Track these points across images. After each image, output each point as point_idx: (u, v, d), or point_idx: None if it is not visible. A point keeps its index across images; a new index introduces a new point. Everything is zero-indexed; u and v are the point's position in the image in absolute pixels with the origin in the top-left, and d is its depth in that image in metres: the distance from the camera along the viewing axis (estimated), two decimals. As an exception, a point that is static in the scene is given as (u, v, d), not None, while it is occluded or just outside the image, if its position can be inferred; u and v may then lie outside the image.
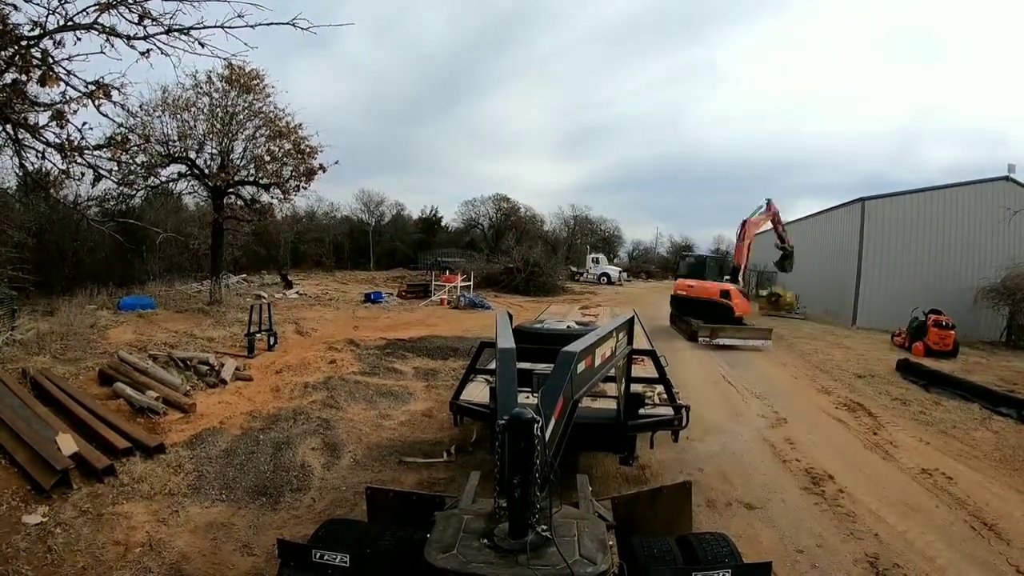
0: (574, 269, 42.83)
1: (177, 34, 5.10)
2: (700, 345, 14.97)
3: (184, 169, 15.51)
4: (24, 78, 4.90)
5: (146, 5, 4.98)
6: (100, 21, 4.90)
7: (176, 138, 14.82)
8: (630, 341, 4.85)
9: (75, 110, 5.17)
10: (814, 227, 27.12)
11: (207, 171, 15.48)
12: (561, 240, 50.94)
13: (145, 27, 5.00)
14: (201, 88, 14.86)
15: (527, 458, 2.38)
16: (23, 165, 5.78)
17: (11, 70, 4.87)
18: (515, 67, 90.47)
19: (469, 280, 25.60)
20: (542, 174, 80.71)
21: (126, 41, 4.97)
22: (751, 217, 17.99)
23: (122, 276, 16.49)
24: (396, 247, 42.03)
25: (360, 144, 67.32)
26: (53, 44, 4.87)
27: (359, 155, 67.90)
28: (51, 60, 4.85)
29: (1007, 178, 20.80)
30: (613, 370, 4.47)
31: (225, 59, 5.48)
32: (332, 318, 16.78)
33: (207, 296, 15.96)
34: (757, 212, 18.18)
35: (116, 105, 5.42)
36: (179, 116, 14.83)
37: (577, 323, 10.39)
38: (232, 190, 16.14)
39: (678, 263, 24.13)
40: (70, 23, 4.84)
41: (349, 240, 40.47)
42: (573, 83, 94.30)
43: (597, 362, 3.61)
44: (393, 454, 6.45)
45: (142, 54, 5.06)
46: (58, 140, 5.29)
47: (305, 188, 16.14)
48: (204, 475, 5.64)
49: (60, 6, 4.77)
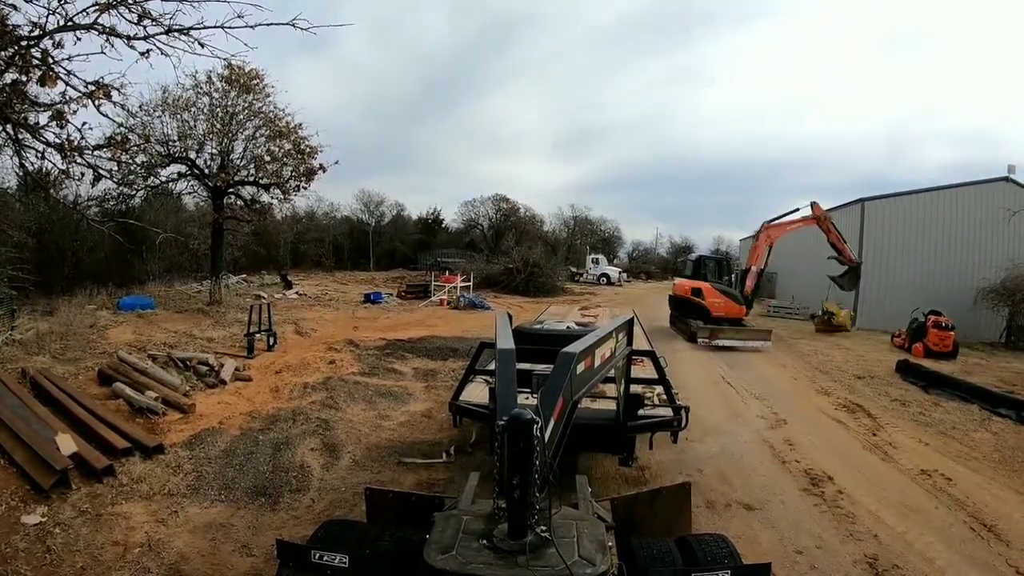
0: (574, 270, 42.80)
1: (177, 34, 5.11)
2: (700, 346, 14.98)
3: (184, 169, 15.52)
4: (24, 78, 4.91)
5: (146, 5, 5.01)
6: (100, 21, 4.91)
7: (176, 138, 14.84)
8: (630, 342, 4.85)
9: (75, 110, 5.19)
10: (814, 227, 27.10)
11: (207, 171, 15.49)
12: (561, 241, 50.88)
13: (145, 27, 5.02)
14: (201, 88, 14.90)
15: (526, 459, 2.38)
16: (23, 165, 5.80)
17: (11, 70, 4.88)
18: (513, 68, 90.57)
19: (469, 281, 25.60)
20: (540, 174, 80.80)
21: (126, 41, 4.99)
22: (773, 220, 17.37)
23: (122, 276, 16.50)
24: (396, 247, 42.03)
25: (360, 144, 67.46)
26: (53, 44, 4.88)
27: (359, 155, 68.03)
28: (51, 60, 4.86)
29: (1007, 179, 20.80)
30: (612, 371, 4.47)
31: (225, 59, 5.51)
32: (332, 318, 16.78)
33: (207, 296, 15.96)
34: (788, 215, 17.19)
35: (116, 105, 5.44)
36: (179, 116, 14.86)
37: (577, 324, 10.39)
38: (232, 190, 16.15)
39: (685, 263, 24.37)
40: (70, 23, 4.85)
41: (349, 240, 40.46)
42: (571, 83, 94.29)
43: (597, 363, 3.61)
44: (392, 455, 6.45)
45: (142, 54, 5.08)
46: (58, 140, 5.31)
47: (305, 188, 16.19)
48: (203, 475, 5.64)
49: (60, 6, 4.79)
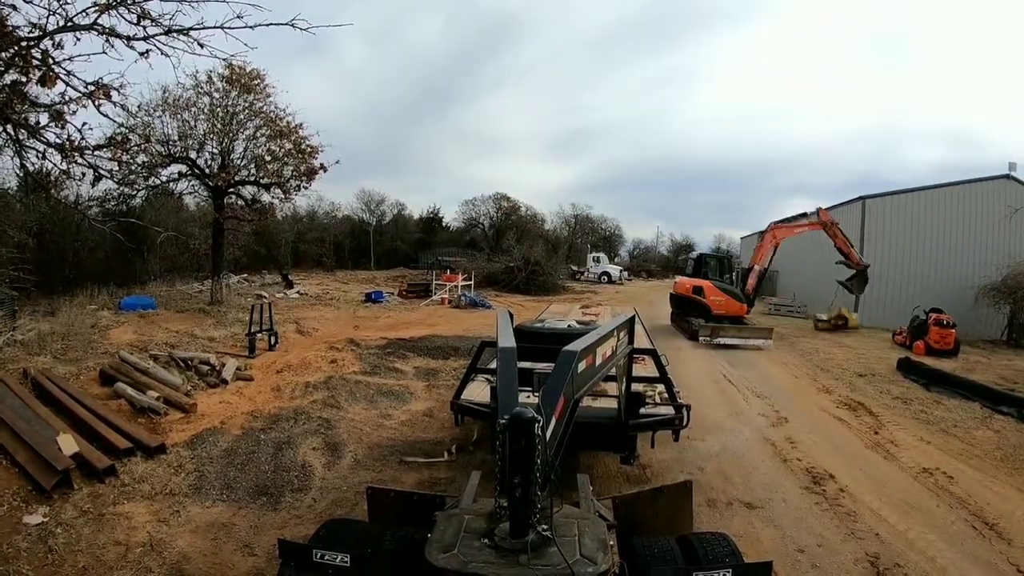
0: (575, 268, 42.80)
1: (177, 35, 5.09)
2: (701, 344, 14.98)
3: (184, 169, 15.50)
4: (24, 79, 4.89)
5: (145, 6, 4.98)
6: (100, 22, 4.89)
7: (176, 138, 14.82)
8: (631, 340, 4.84)
9: (75, 110, 5.18)
10: (817, 229, 27.05)
11: (207, 171, 15.47)
12: (562, 239, 50.88)
13: (145, 28, 5.00)
14: (201, 88, 14.87)
15: (528, 457, 2.38)
16: (23, 165, 5.79)
17: (11, 71, 4.87)
18: (507, 71, 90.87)
19: (470, 279, 25.59)
20: (536, 175, 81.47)
21: (126, 42, 4.97)
22: (780, 223, 17.44)
23: (123, 276, 16.51)
24: (397, 246, 42.01)
25: (359, 147, 67.54)
26: (53, 45, 4.86)
27: (358, 157, 68.07)
28: (51, 61, 4.85)
29: (1008, 176, 20.76)
30: (614, 369, 4.47)
31: (225, 59, 5.48)
32: (333, 318, 16.79)
33: (208, 296, 15.97)
34: (793, 219, 17.28)
35: (116, 105, 5.41)
36: (179, 116, 14.84)
37: (578, 322, 10.39)
38: (233, 190, 16.15)
39: (686, 261, 24.15)
40: (70, 24, 4.84)
41: (350, 240, 40.42)
42: (565, 85, 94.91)
43: (598, 361, 3.61)
44: (394, 454, 6.46)
45: (142, 54, 5.06)
46: (58, 140, 5.29)
47: (306, 188, 16.17)
48: (205, 475, 5.65)
49: (60, 7, 4.77)
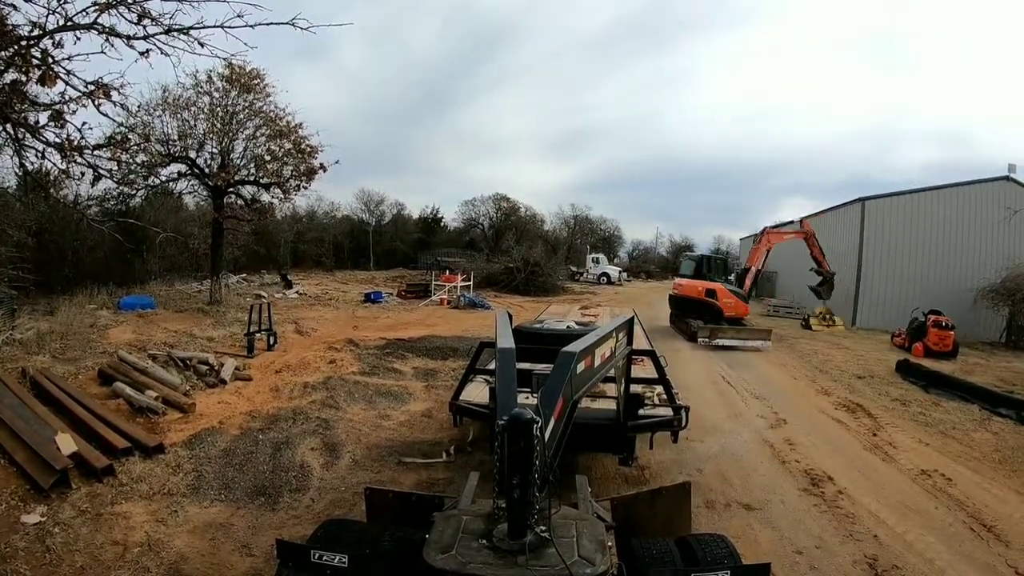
0: (574, 269, 42.81)
1: (177, 34, 5.09)
2: (700, 345, 14.98)
3: (184, 168, 15.51)
4: (24, 78, 4.89)
5: (145, 5, 4.98)
6: (100, 21, 4.89)
7: (176, 137, 14.83)
8: (630, 341, 4.85)
9: (75, 110, 5.17)
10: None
11: (207, 171, 15.47)
12: (561, 240, 50.89)
13: (144, 27, 4.99)
14: (201, 87, 14.88)
15: (526, 459, 2.38)
16: (23, 165, 5.78)
17: (11, 70, 4.87)
18: (505, 73, 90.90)
19: (469, 280, 25.58)
20: (534, 175, 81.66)
21: (126, 41, 4.97)
22: (774, 228, 17.96)
23: (122, 276, 16.46)
24: (396, 247, 42.02)
25: (357, 148, 67.61)
26: (53, 44, 4.85)
27: (357, 158, 68.28)
28: (51, 60, 4.84)
29: (1007, 178, 20.79)
30: (613, 370, 4.47)
31: (225, 59, 5.49)
32: (332, 318, 16.78)
33: (207, 296, 15.96)
34: (785, 225, 18.12)
35: (116, 105, 5.40)
36: (179, 115, 14.85)
37: (577, 323, 10.40)
38: (232, 189, 16.14)
39: (680, 262, 23.81)
40: (69, 23, 4.84)
41: (349, 240, 40.43)
42: (562, 87, 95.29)
43: (597, 362, 3.61)
44: (392, 454, 6.45)
45: (141, 54, 5.06)
46: (58, 140, 5.28)
47: (305, 188, 16.17)
48: (203, 475, 5.64)
49: (60, 6, 4.77)
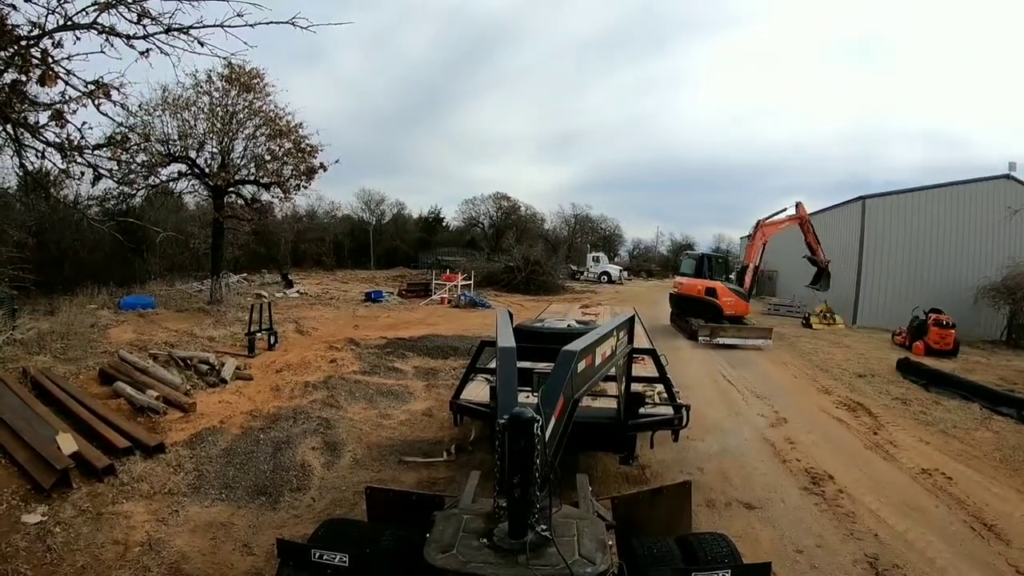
0: (574, 268, 42.80)
1: (176, 33, 5.08)
2: (700, 344, 14.97)
3: (184, 168, 15.47)
4: (24, 78, 4.88)
5: (145, 4, 4.96)
6: (99, 21, 4.88)
7: (176, 137, 14.79)
8: (630, 340, 4.85)
9: (75, 110, 5.16)
10: (814, 226, 27.06)
11: (207, 170, 15.45)
12: (561, 239, 50.89)
13: (144, 26, 4.98)
14: (201, 87, 14.83)
15: (527, 457, 2.38)
16: (23, 165, 5.76)
17: (11, 70, 4.86)
18: (502, 74, 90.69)
19: (469, 279, 25.57)
20: (534, 175, 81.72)
21: (125, 41, 4.96)
22: (767, 219, 17.53)
23: (122, 276, 16.44)
24: (397, 246, 41.99)
25: (357, 149, 67.69)
26: (52, 44, 4.84)
27: (357, 159, 68.25)
28: (51, 60, 4.83)
29: (1008, 176, 20.76)
30: (613, 369, 4.47)
31: (225, 58, 5.47)
32: (332, 317, 16.78)
33: (207, 295, 15.95)
34: (778, 214, 17.45)
35: (116, 104, 5.39)
36: (179, 115, 14.81)
37: (578, 322, 10.39)
38: (232, 189, 16.12)
39: (680, 261, 23.82)
40: (69, 23, 4.83)
41: (350, 239, 40.40)
42: (557, 89, 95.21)
43: (597, 361, 3.61)
44: (393, 453, 6.46)
45: (141, 53, 5.04)
46: (58, 140, 5.28)
47: (305, 187, 16.13)
48: (204, 474, 5.65)
49: (59, 6, 4.76)
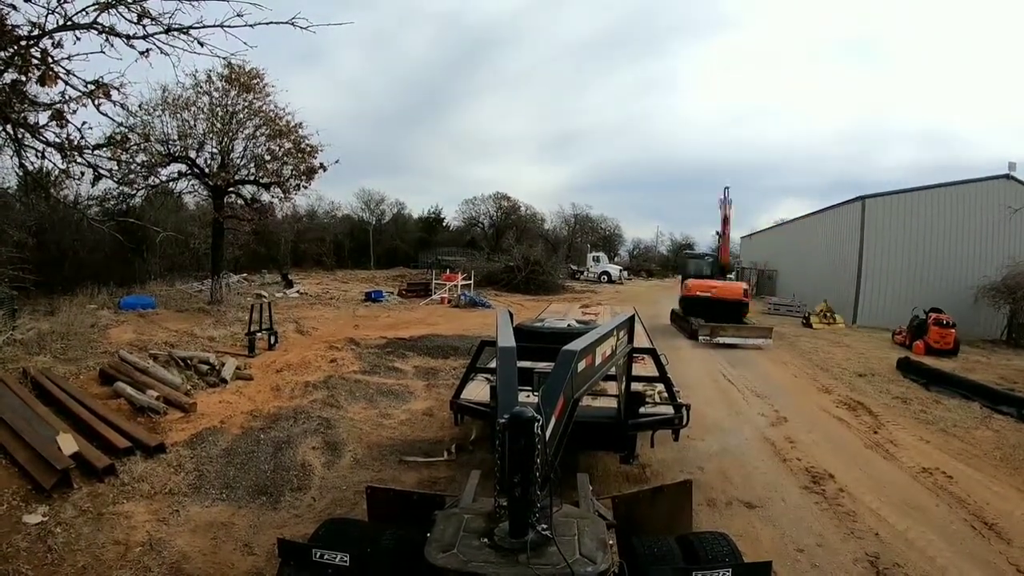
0: (574, 268, 42.82)
1: (176, 33, 5.08)
2: (701, 344, 14.97)
3: (184, 168, 15.47)
4: (23, 78, 4.88)
5: (145, 4, 4.96)
6: (99, 21, 4.88)
7: (176, 137, 14.79)
8: (631, 339, 4.85)
9: (75, 110, 5.16)
10: (814, 225, 27.10)
11: (207, 170, 15.45)
12: (561, 239, 50.91)
13: (144, 26, 4.98)
14: (201, 87, 14.83)
15: (527, 457, 2.38)
16: (23, 165, 5.75)
17: (11, 70, 4.86)
18: (501, 75, 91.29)
19: (469, 279, 25.58)
20: (534, 175, 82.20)
21: (125, 41, 4.96)
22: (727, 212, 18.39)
23: (122, 276, 16.42)
24: (397, 246, 42.01)
25: (357, 150, 67.99)
26: (52, 44, 4.84)
27: (357, 160, 68.45)
28: (50, 60, 4.84)
29: (1008, 176, 20.77)
30: (614, 369, 4.47)
31: (224, 58, 5.47)
32: (333, 317, 16.78)
33: (208, 295, 15.95)
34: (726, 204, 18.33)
35: (116, 104, 5.39)
36: (179, 115, 14.81)
37: (578, 322, 10.39)
38: (232, 189, 16.12)
39: (685, 262, 21.89)
40: (69, 23, 4.83)
41: (350, 239, 40.40)
42: (554, 90, 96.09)
43: (598, 361, 3.61)
44: (393, 453, 6.46)
45: (141, 53, 5.05)
46: (58, 140, 5.28)
47: (305, 187, 16.13)
48: (204, 474, 5.65)
49: (59, 6, 4.76)
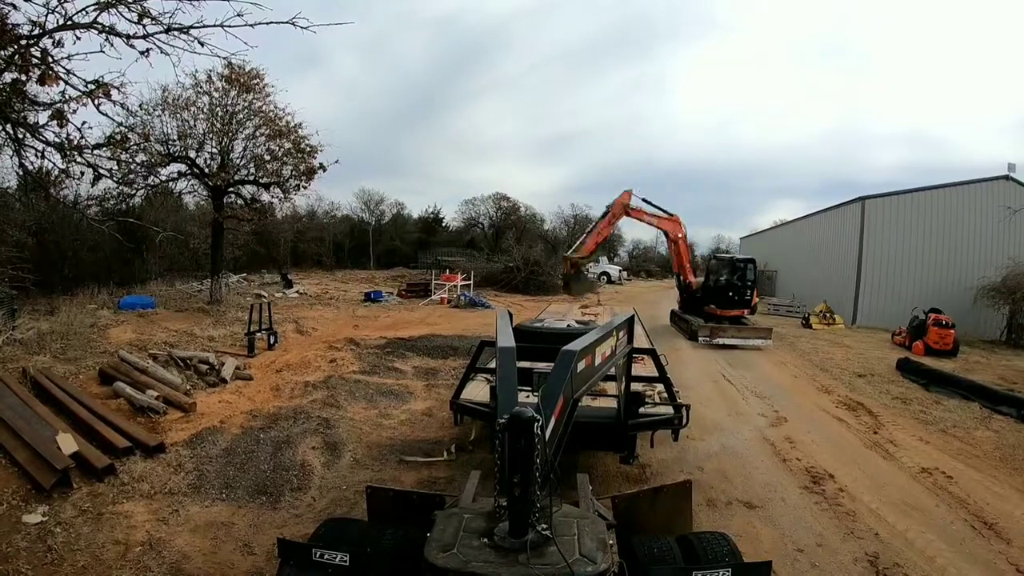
0: (574, 268, 42.71)
1: (176, 33, 5.08)
2: (700, 344, 14.98)
3: (184, 168, 15.45)
4: (24, 77, 4.88)
5: (145, 4, 4.97)
6: (99, 20, 4.88)
7: (176, 137, 14.77)
8: (630, 340, 4.85)
9: (75, 109, 5.16)
10: (814, 226, 27.10)
11: (207, 170, 15.44)
12: (561, 239, 50.81)
13: (144, 26, 4.99)
14: (201, 87, 14.80)
15: (527, 457, 2.38)
16: (23, 164, 5.76)
17: (11, 69, 4.86)
18: (495, 78, 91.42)
19: (469, 279, 25.58)
20: (531, 176, 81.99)
21: (125, 40, 4.96)
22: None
23: (122, 275, 16.43)
24: (396, 246, 41.99)
25: (356, 151, 67.65)
26: (52, 43, 4.85)
27: (356, 162, 68.21)
28: (50, 59, 4.84)
29: (1007, 177, 20.80)
30: (613, 369, 4.47)
31: (225, 58, 5.48)
32: (332, 317, 16.78)
33: (207, 295, 15.95)
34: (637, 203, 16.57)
35: (116, 104, 5.39)
36: (179, 115, 14.78)
37: (577, 322, 10.40)
38: (232, 189, 16.10)
39: (717, 266, 18.05)
40: (69, 22, 4.83)
41: (349, 239, 40.40)
42: (547, 93, 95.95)
43: (597, 361, 3.61)
44: (393, 453, 6.46)
45: (141, 53, 5.05)
46: (58, 139, 5.29)
47: (305, 187, 16.10)
48: (204, 474, 5.64)
49: (59, 5, 4.76)
